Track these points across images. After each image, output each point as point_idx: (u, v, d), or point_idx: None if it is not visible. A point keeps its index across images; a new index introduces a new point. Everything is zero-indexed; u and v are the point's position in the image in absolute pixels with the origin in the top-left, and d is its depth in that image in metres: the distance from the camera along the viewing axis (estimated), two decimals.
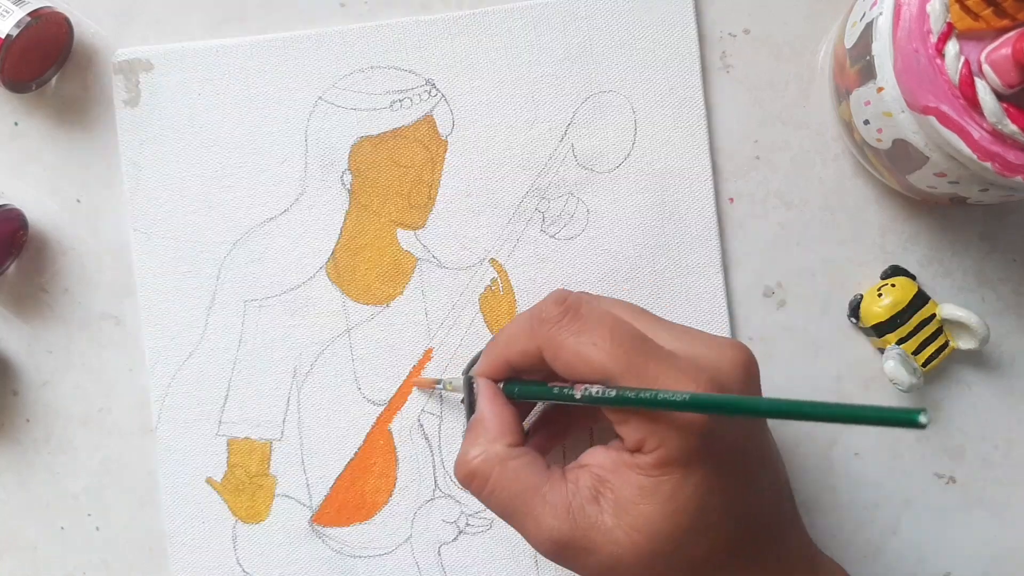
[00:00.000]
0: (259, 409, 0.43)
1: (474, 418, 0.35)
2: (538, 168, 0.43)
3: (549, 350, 0.32)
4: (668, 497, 0.30)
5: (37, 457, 0.44)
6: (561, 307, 0.32)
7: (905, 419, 0.24)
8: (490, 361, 0.35)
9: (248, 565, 0.43)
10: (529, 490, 0.32)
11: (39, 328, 0.44)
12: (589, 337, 0.31)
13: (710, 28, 0.44)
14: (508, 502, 0.32)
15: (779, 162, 0.44)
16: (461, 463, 0.34)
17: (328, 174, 0.43)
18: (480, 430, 0.34)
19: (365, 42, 0.43)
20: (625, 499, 0.31)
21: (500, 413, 0.34)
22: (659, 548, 0.30)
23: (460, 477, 0.34)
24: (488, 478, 0.33)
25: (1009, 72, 0.33)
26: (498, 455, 0.33)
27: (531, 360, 0.33)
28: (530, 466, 0.33)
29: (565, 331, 0.32)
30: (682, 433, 0.30)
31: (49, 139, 0.44)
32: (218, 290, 0.43)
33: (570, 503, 0.31)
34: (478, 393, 0.36)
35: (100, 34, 0.44)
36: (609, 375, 0.31)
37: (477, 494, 0.33)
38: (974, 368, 0.44)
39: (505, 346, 0.35)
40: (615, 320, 0.32)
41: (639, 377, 0.30)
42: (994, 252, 0.44)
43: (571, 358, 0.31)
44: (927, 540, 0.43)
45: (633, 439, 0.31)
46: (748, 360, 0.33)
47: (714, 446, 0.30)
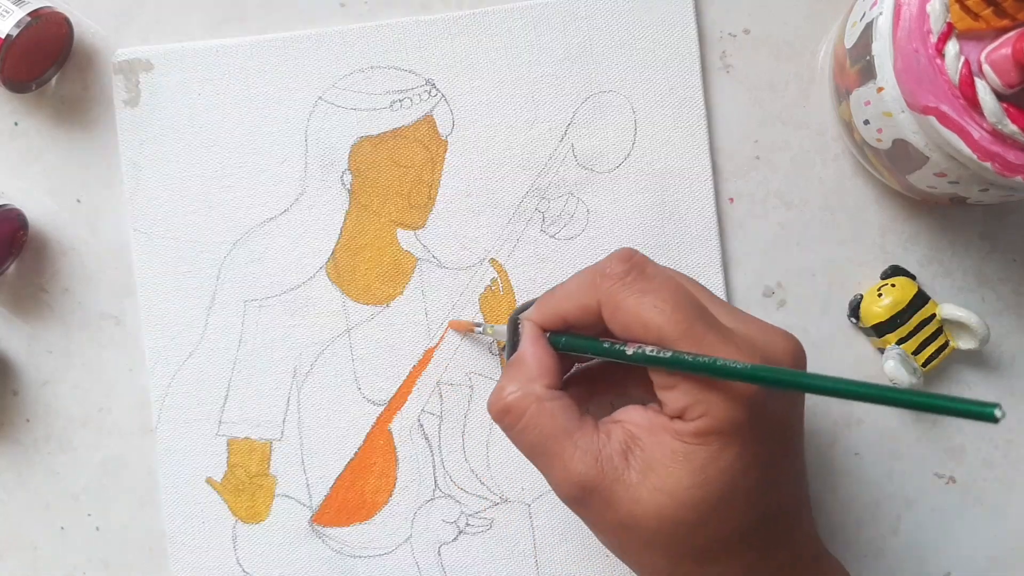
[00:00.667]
0: (259, 409, 0.43)
1: (515, 356, 0.34)
2: (538, 168, 0.43)
3: (609, 306, 0.32)
4: (700, 466, 0.30)
5: (37, 457, 0.44)
6: (627, 264, 0.32)
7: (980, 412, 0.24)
8: (543, 312, 0.35)
9: (248, 565, 0.43)
10: (561, 432, 0.32)
11: (39, 328, 0.44)
12: (652, 299, 0.31)
13: (710, 28, 0.44)
14: (539, 441, 0.32)
15: (779, 162, 0.44)
16: (496, 398, 0.33)
17: (328, 174, 0.43)
18: (520, 368, 0.34)
19: (365, 42, 0.43)
20: (655, 460, 0.30)
21: (542, 355, 0.34)
22: (681, 516, 0.30)
23: (494, 412, 0.33)
24: (523, 415, 0.32)
25: (1009, 72, 0.33)
26: (535, 393, 0.32)
27: (588, 316, 0.33)
28: (566, 410, 0.32)
29: (628, 289, 0.31)
30: (729, 405, 0.30)
31: (49, 139, 0.44)
32: (218, 290, 0.43)
33: (600, 452, 0.31)
34: (522, 334, 0.35)
35: (100, 34, 0.44)
36: (666, 339, 0.30)
37: (508, 430, 0.33)
38: (974, 368, 0.44)
39: (563, 299, 0.34)
40: (678, 286, 0.31)
41: (696, 343, 0.30)
42: (994, 252, 0.44)
43: (630, 318, 0.31)
44: (927, 540, 0.43)
45: (677, 405, 0.30)
46: (798, 351, 0.33)
47: (755, 426, 0.30)
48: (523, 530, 0.42)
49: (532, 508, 0.42)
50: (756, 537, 0.31)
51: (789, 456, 0.32)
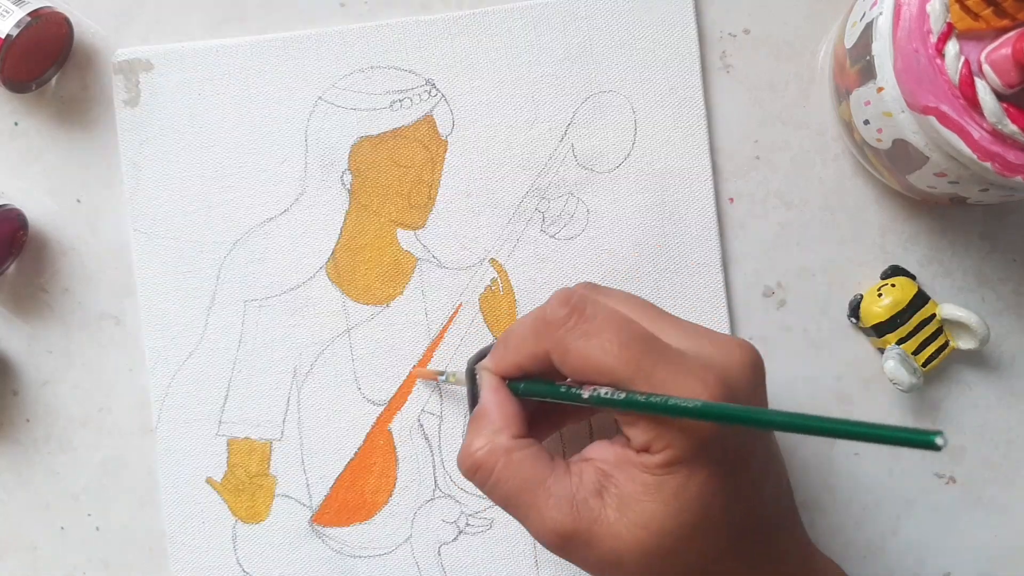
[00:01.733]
0: (259, 409, 0.43)
1: (477, 409, 0.35)
2: (538, 168, 0.43)
3: (557, 353, 0.32)
4: (672, 495, 0.30)
5: (37, 457, 0.44)
6: (567, 308, 0.32)
7: (921, 441, 0.24)
8: (499, 362, 0.35)
9: (248, 565, 0.43)
10: (533, 482, 0.32)
11: (39, 328, 0.44)
12: (597, 340, 0.31)
13: (710, 28, 0.44)
14: (512, 494, 0.32)
15: (779, 162, 0.44)
16: (465, 455, 0.33)
17: (328, 174, 0.43)
18: (484, 422, 0.34)
19: (365, 42, 0.43)
20: (628, 495, 0.31)
21: (503, 404, 0.34)
22: (662, 544, 0.30)
23: (464, 469, 0.33)
24: (492, 470, 0.32)
25: (1009, 72, 0.33)
26: (503, 446, 0.33)
27: (540, 363, 0.33)
28: (534, 458, 0.33)
29: (572, 333, 0.31)
30: (689, 435, 0.30)
31: (49, 139, 0.44)
32: (218, 290, 0.43)
33: (574, 496, 0.31)
34: (481, 385, 0.35)
35: (100, 34, 0.44)
36: (618, 379, 0.30)
37: (481, 486, 0.33)
38: (974, 368, 0.44)
39: (515, 350, 0.34)
40: (622, 320, 0.31)
41: (648, 380, 0.30)
42: (994, 252, 0.44)
43: (579, 363, 0.31)
44: (927, 540, 0.43)
45: (640, 440, 0.31)
46: (755, 360, 0.33)
47: (720, 447, 0.30)
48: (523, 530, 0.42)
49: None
50: (738, 555, 0.32)
51: (760, 474, 0.33)
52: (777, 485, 0.34)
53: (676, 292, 0.43)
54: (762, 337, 0.43)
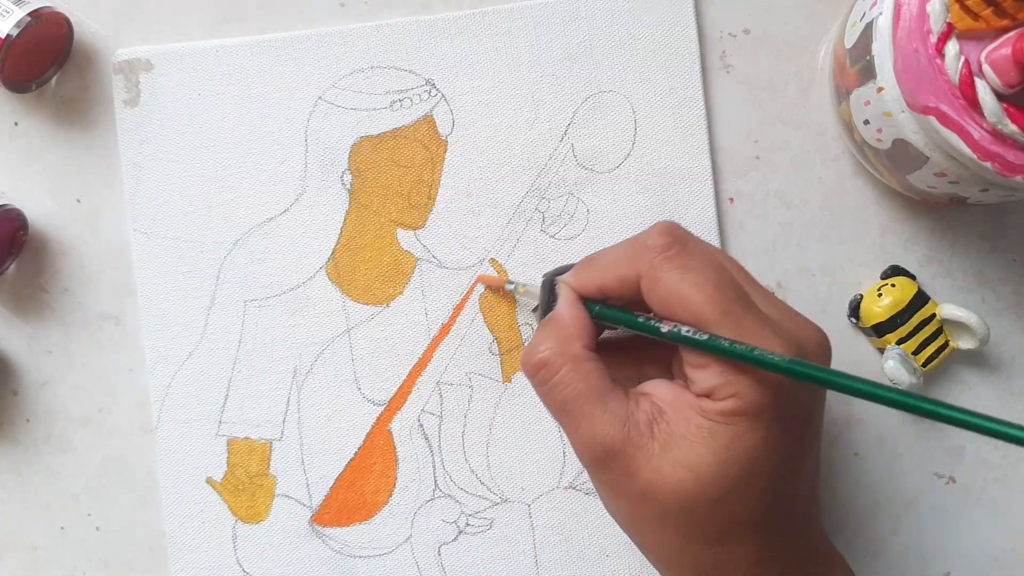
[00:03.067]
0: (259, 409, 0.43)
1: (550, 316, 0.34)
2: (538, 168, 0.43)
3: (648, 280, 0.31)
4: (725, 445, 0.30)
5: (37, 457, 0.44)
6: (669, 238, 0.31)
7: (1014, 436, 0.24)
8: (581, 280, 0.34)
9: (248, 565, 0.43)
10: (594, 392, 0.31)
11: (39, 328, 0.44)
12: (693, 276, 0.30)
13: (710, 28, 0.44)
14: (570, 398, 0.32)
15: (779, 162, 0.44)
16: (530, 352, 0.33)
17: (328, 174, 0.43)
18: (556, 327, 0.33)
19: (365, 42, 0.43)
20: (680, 434, 0.30)
21: (579, 316, 0.34)
22: (700, 492, 0.30)
23: (528, 366, 0.33)
24: (557, 371, 0.32)
25: (1009, 72, 0.33)
26: (571, 352, 0.32)
27: (626, 287, 0.32)
28: (600, 372, 0.32)
29: (669, 264, 0.31)
30: (759, 389, 0.29)
31: (49, 139, 0.44)
32: (218, 290, 0.43)
33: (628, 417, 0.31)
34: (559, 295, 0.34)
35: (100, 34, 0.44)
36: (704, 319, 0.30)
37: (540, 385, 0.33)
38: (974, 368, 0.44)
39: (603, 269, 0.33)
40: (719, 266, 0.31)
41: (733, 328, 0.30)
42: (994, 252, 0.44)
43: (669, 294, 0.31)
44: (927, 540, 0.43)
45: (706, 384, 0.30)
46: (828, 345, 0.33)
47: (781, 412, 0.30)
48: (523, 530, 0.42)
49: (532, 508, 0.42)
50: (770, 523, 0.31)
51: (808, 447, 0.32)
52: (817, 468, 0.34)
53: None
54: None
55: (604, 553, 0.42)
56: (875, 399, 0.28)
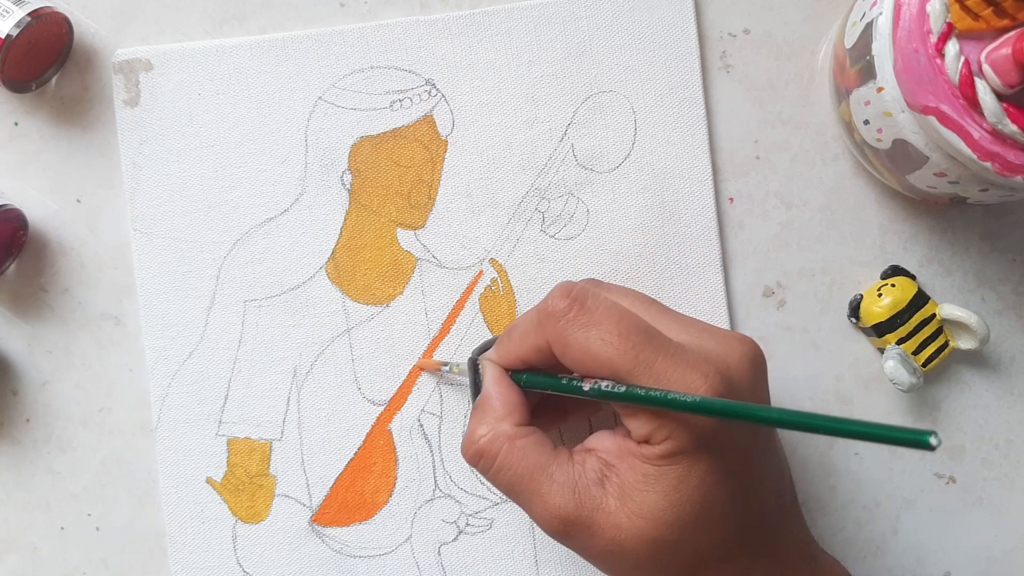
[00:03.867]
0: (259, 409, 0.43)
1: (480, 398, 0.35)
2: (538, 168, 0.43)
3: (558, 345, 0.32)
4: (673, 486, 0.30)
5: (37, 457, 0.44)
6: (567, 299, 0.32)
7: (915, 440, 0.24)
8: (502, 355, 0.35)
9: (248, 565, 0.43)
10: (536, 468, 0.32)
11: (39, 328, 0.44)
12: (597, 332, 0.31)
13: (710, 28, 0.44)
14: (516, 480, 0.33)
15: (779, 162, 0.44)
16: (468, 443, 0.34)
17: (328, 174, 0.43)
18: (487, 410, 0.34)
19: (365, 42, 0.43)
20: (630, 485, 0.31)
21: (506, 393, 0.34)
22: (662, 535, 0.30)
23: (468, 457, 0.34)
24: (496, 456, 0.33)
25: (1009, 72, 0.33)
26: (505, 433, 0.33)
27: (543, 355, 0.33)
28: (537, 445, 0.33)
29: (572, 325, 0.32)
30: (691, 427, 0.30)
31: (49, 139, 0.44)
32: (218, 290, 0.43)
33: (576, 483, 0.32)
34: (483, 375, 0.36)
35: (100, 34, 0.44)
36: (618, 371, 0.31)
37: (484, 473, 0.33)
38: (974, 368, 0.44)
39: (518, 342, 0.34)
40: (622, 313, 0.32)
41: (648, 372, 0.30)
42: (994, 252, 0.44)
43: (579, 354, 0.31)
44: (927, 540, 0.43)
45: (642, 432, 0.31)
46: (756, 354, 0.33)
47: (721, 440, 0.31)
48: (523, 530, 0.42)
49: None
50: (737, 549, 0.32)
51: (761, 465, 0.33)
52: (779, 480, 0.34)
53: (676, 292, 0.43)
54: (762, 337, 0.43)
55: None
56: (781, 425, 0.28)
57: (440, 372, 0.42)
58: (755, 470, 0.32)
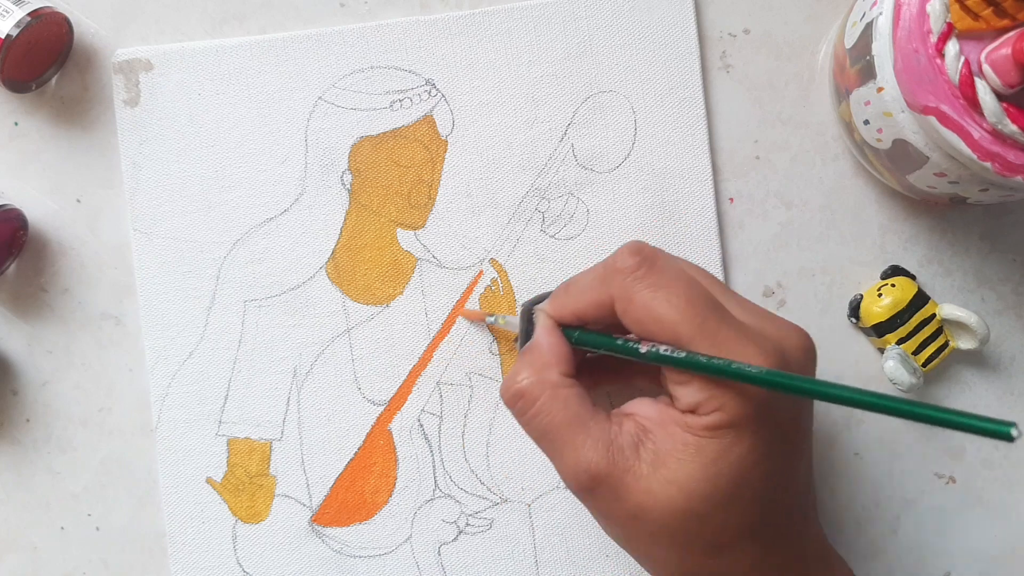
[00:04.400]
0: (259, 409, 0.43)
1: (529, 345, 0.34)
2: (538, 168, 0.43)
3: (621, 302, 0.31)
4: (712, 459, 0.30)
5: (37, 457, 0.44)
6: (637, 258, 0.31)
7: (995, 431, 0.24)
8: (557, 308, 0.34)
9: (248, 565, 0.43)
10: (575, 420, 0.31)
11: (39, 328, 0.44)
12: (664, 293, 0.31)
13: (710, 28, 0.44)
14: (551, 428, 0.32)
15: (779, 162, 0.44)
16: (509, 383, 0.33)
17: (328, 174, 0.43)
18: (534, 355, 0.34)
19: (365, 42, 0.43)
20: (666, 452, 0.30)
21: (556, 343, 0.34)
22: (693, 507, 0.30)
23: (507, 397, 0.33)
24: (535, 400, 0.32)
25: (1009, 72, 0.33)
26: (550, 380, 0.32)
27: (601, 311, 0.32)
28: (580, 398, 0.32)
29: (640, 283, 0.31)
30: (742, 401, 0.29)
31: (49, 139, 0.44)
32: (218, 290, 0.43)
33: (611, 442, 0.31)
34: (537, 324, 0.35)
35: (100, 34, 0.44)
36: (680, 336, 0.30)
37: (520, 415, 0.33)
38: (974, 368, 0.43)
39: (577, 295, 0.33)
40: (690, 280, 0.31)
41: (710, 341, 0.30)
42: (994, 252, 0.44)
43: (643, 314, 0.31)
44: (927, 540, 0.43)
45: (690, 401, 0.30)
46: (810, 346, 0.33)
47: (767, 420, 0.30)
48: (523, 530, 0.42)
49: (532, 508, 0.42)
50: (764, 531, 0.31)
51: (798, 452, 0.32)
52: (808, 474, 0.34)
53: None
54: None
55: (604, 553, 0.42)
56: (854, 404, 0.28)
57: (484, 322, 0.42)
58: (792, 456, 0.32)
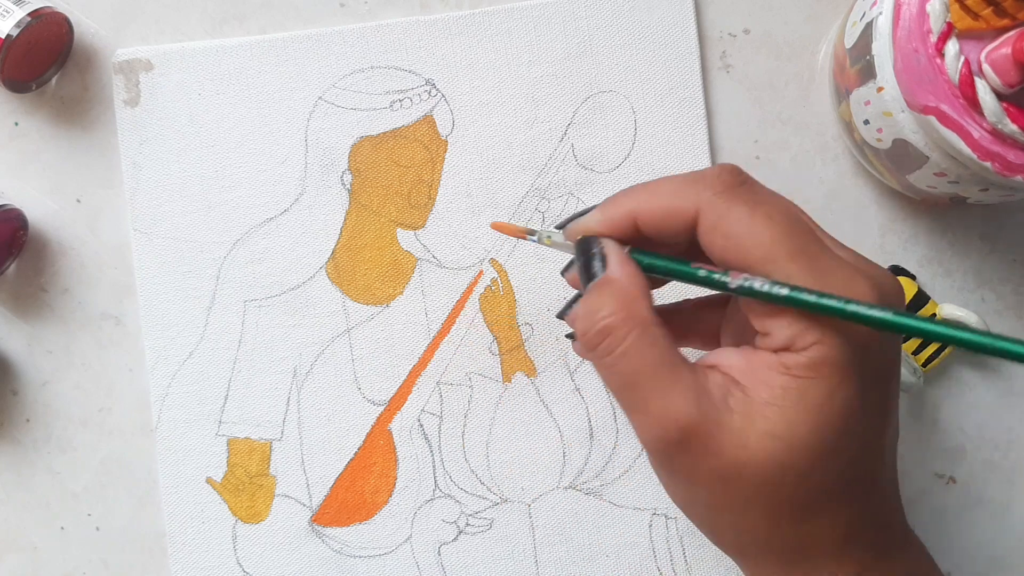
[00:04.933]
0: (259, 409, 0.43)
1: (604, 277, 0.29)
2: (538, 168, 0.43)
3: (711, 215, 0.27)
4: (817, 404, 0.26)
5: (37, 457, 0.44)
6: (736, 175, 0.28)
7: None
8: (610, 211, 0.29)
9: (248, 565, 0.43)
10: (665, 364, 0.27)
11: (39, 328, 0.44)
12: (765, 209, 0.27)
13: (710, 28, 0.44)
14: (639, 371, 0.27)
15: (779, 162, 0.44)
16: (588, 320, 0.28)
17: (328, 174, 0.43)
18: (613, 289, 0.28)
19: (365, 42, 0.43)
20: (762, 400, 0.26)
21: (638, 275, 0.29)
22: (795, 462, 0.26)
23: (591, 335, 0.28)
24: (624, 338, 0.27)
25: (1009, 72, 0.33)
26: (639, 315, 0.27)
27: (671, 223, 0.28)
28: (669, 339, 0.28)
29: (738, 199, 0.27)
30: (845, 335, 0.26)
31: (49, 139, 0.44)
32: (218, 290, 0.43)
33: (701, 391, 0.27)
34: (606, 254, 0.29)
35: (100, 34, 0.44)
36: (776, 256, 0.26)
37: (604, 355, 0.28)
38: (974, 368, 0.43)
39: (647, 197, 0.29)
40: (791, 204, 0.28)
41: (812, 266, 0.26)
42: (994, 252, 0.44)
43: (737, 230, 0.27)
44: (927, 540, 0.43)
45: (784, 334, 0.26)
46: (901, 289, 0.29)
47: (869, 361, 0.27)
48: (523, 530, 0.42)
49: (532, 508, 0.42)
50: (857, 493, 0.28)
51: (893, 407, 0.29)
52: (896, 425, 0.30)
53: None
54: None
55: (604, 553, 0.42)
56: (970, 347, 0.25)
57: (524, 238, 0.33)
58: (888, 410, 0.28)
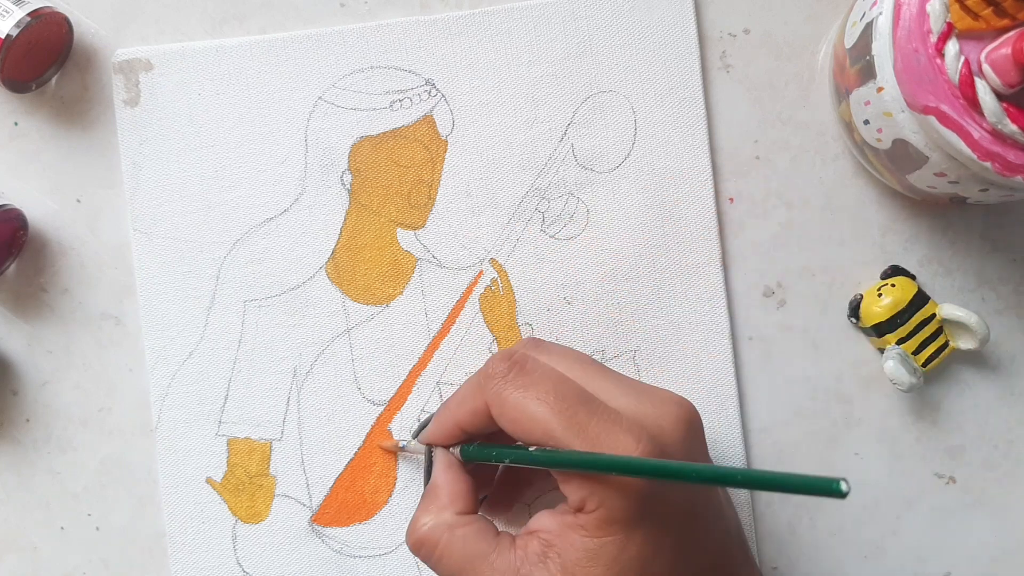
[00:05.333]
0: (259, 409, 0.43)
1: (429, 486, 0.36)
2: (538, 168, 0.43)
3: (495, 406, 0.33)
4: (612, 559, 0.30)
5: (37, 457, 0.44)
6: (507, 363, 0.33)
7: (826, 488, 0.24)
8: (441, 424, 0.36)
9: (248, 565, 0.43)
10: (476, 556, 0.33)
11: (39, 328, 0.44)
12: (534, 392, 0.32)
13: (710, 28, 0.44)
14: (455, 569, 0.33)
15: (779, 162, 0.44)
16: (411, 531, 0.35)
17: (328, 174, 0.43)
18: (433, 497, 0.35)
19: (365, 42, 0.43)
20: (571, 562, 0.31)
21: (453, 481, 0.35)
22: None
23: (410, 544, 0.35)
24: (436, 545, 0.33)
25: (1009, 72, 0.33)
26: (446, 522, 0.34)
27: (481, 419, 0.34)
28: (478, 534, 0.33)
29: (511, 386, 0.32)
30: (623, 493, 0.30)
31: (49, 139, 0.44)
32: (218, 290, 0.43)
33: (518, 569, 0.32)
34: (435, 461, 0.37)
35: (100, 34, 0.44)
36: (552, 431, 0.31)
37: (426, 561, 0.34)
38: (974, 368, 0.44)
39: (456, 408, 0.35)
40: (560, 377, 0.32)
41: (583, 434, 0.31)
42: (994, 252, 0.44)
43: (516, 413, 0.32)
44: (927, 540, 0.43)
45: (575, 498, 0.31)
46: (691, 416, 0.33)
47: (657, 506, 0.31)
48: None
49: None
50: None
51: (702, 527, 0.33)
52: (726, 532, 0.34)
53: (676, 292, 0.43)
54: (762, 337, 0.43)
55: None
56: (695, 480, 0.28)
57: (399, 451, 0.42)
58: (696, 533, 0.32)
